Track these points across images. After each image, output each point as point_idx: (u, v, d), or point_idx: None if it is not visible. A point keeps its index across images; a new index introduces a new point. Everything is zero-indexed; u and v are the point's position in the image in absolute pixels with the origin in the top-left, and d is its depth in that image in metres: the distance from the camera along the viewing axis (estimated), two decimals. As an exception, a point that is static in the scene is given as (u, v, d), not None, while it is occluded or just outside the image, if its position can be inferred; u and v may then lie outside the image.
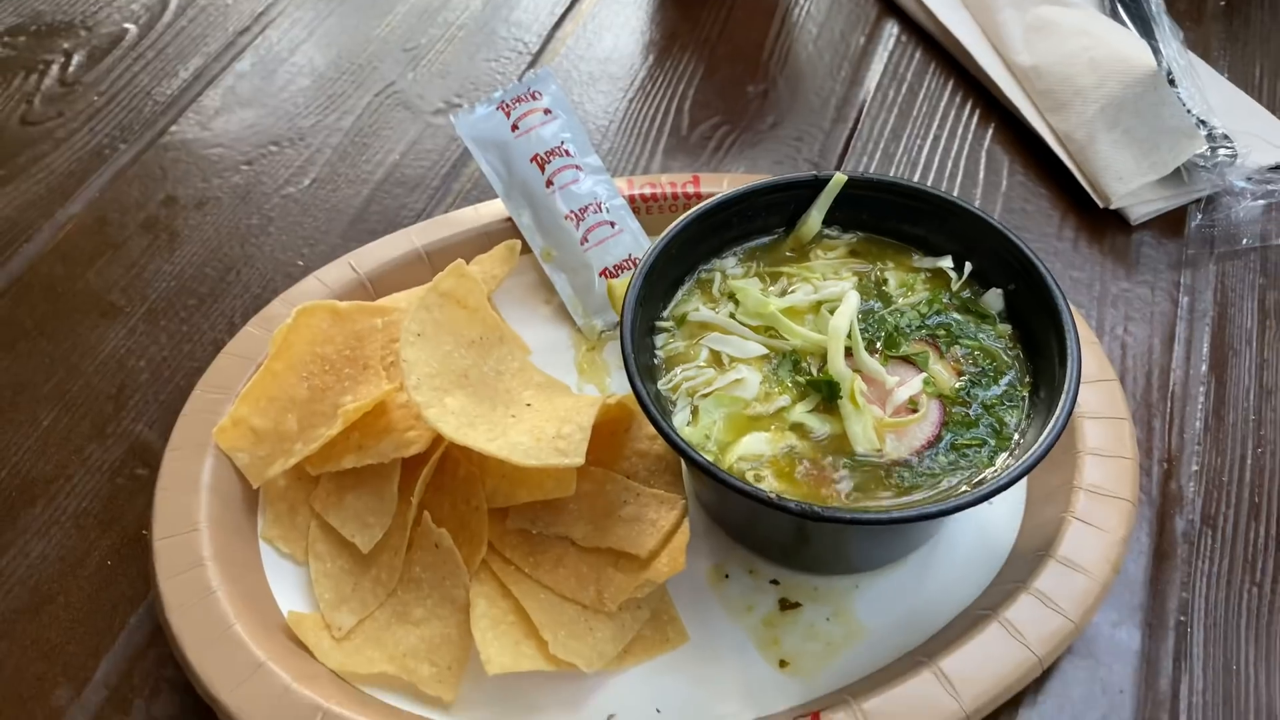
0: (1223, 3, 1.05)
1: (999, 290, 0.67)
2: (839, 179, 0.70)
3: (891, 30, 1.04)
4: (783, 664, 0.64)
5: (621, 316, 0.64)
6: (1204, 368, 0.78)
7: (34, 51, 1.07)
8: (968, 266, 0.69)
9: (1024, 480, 0.71)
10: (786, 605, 0.66)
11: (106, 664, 0.66)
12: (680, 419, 0.63)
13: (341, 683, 0.63)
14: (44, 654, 0.67)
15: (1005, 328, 0.66)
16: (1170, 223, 0.87)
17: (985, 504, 0.69)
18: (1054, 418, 0.58)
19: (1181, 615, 0.66)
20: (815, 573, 0.67)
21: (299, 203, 0.92)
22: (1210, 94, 0.92)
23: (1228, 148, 0.86)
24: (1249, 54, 1.00)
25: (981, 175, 0.91)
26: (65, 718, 0.64)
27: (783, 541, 0.67)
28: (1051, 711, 0.62)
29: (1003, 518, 0.69)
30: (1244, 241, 0.84)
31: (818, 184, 0.71)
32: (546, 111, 0.84)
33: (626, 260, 0.82)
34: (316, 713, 0.59)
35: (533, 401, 0.69)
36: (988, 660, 0.60)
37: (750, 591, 0.67)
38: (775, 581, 0.67)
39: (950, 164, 0.92)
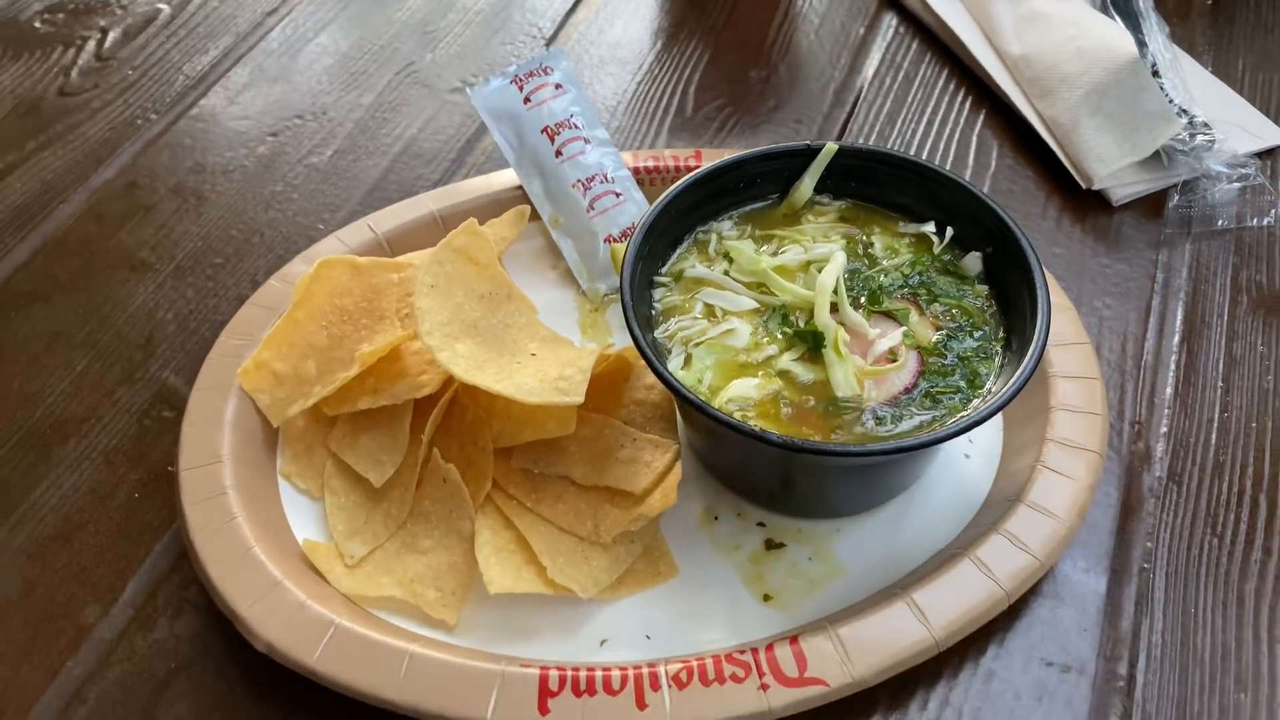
0: (1210, 1, 1.09)
1: (978, 254, 0.71)
2: (830, 148, 0.75)
3: (890, 22, 1.09)
4: (766, 598, 0.68)
5: (622, 269, 0.68)
6: (1176, 339, 0.82)
7: (72, 28, 1.13)
8: (949, 232, 0.73)
9: (1000, 435, 0.75)
10: (772, 545, 0.70)
11: (133, 586, 0.71)
12: (674, 364, 0.68)
13: (352, 605, 0.67)
14: (74, 576, 0.71)
15: (983, 288, 0.71)
16: (1150, 204, 0.91)
17: (962, 458, 0.74)
18: (1024, 363, 0.62)
19: (1145, 563, 0.70)
20: (799, 516, 0.71)
21: (320, 172, 0.97)
22: (1193, 85, 0.96)
23: (1206, 134, 0.90)
24: (1233, 49, 1.04)
25: (972, 158, 0.95)
26: (94, 634, 0.68)
27: (769, 486, 0.71)
28: (1019, 646, 0.66)
29: (978, 470, 0.73)
30: (1219, 223, 0.88)
31: (810, 153, 0.75)
32: (557, 86, 0.89)
33: (630, 228, 0.86)
34: (329, 628, 0.63)
35: (537, 352, 0.74)
36: (958, 593, 0.64)
37: (738, 532, 0.71)
38: (762, 524, 0.71)
39: (942, 147, 0.97)
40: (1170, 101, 0.92)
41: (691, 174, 0.73)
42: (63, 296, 0.88)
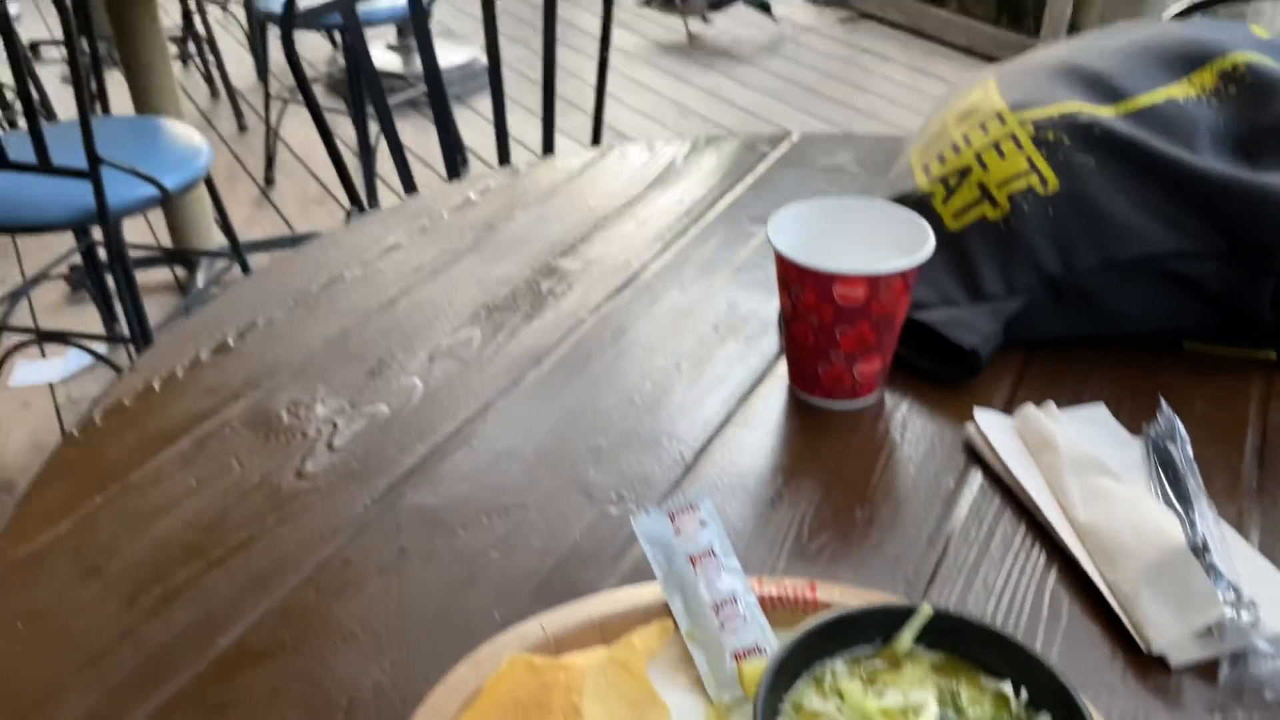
0: (1254, 486, 1.28)
1: (1048, 714, 0.87)
2: (926, 611, 0.93)
3: (976, 478, 1.30)
4: None
5: (755, 700, 0.85)
6: (1231, 802, 0.93)
7: (310, 422, 1.42)
8: (1024, 691, 0.88)
9: None
10: None
11: None
12: (793, 787, 0.83)
13: None
14: None
15: (1052, 746, 0.85)
16: (1206, 671, 1.05)
17: None
18: (1084, 826, 0.76)
19: None
20: None
21: (499, 565, 1.19)
22: (1239, 562, 1.13)
23: (1251, 612, 1.05)
24: (1277, 528, 1.22)
25: (1045, 611, 1.12)
26: None
27: None
28: None
29: None
30: (1268, 696, 1.01)
31: (909, 612, 0.93)
32: (702, 522, 1.11)
33: (753, 646, 1.04)
34: None
35: (676, 757, 0.89)
36: None
37: None
38: None
39: (1020, 598, 1.14)
40: (1220, 577, 1.09)
41: (812, 622, 0.92)
42: (284, 656, 1.08)
